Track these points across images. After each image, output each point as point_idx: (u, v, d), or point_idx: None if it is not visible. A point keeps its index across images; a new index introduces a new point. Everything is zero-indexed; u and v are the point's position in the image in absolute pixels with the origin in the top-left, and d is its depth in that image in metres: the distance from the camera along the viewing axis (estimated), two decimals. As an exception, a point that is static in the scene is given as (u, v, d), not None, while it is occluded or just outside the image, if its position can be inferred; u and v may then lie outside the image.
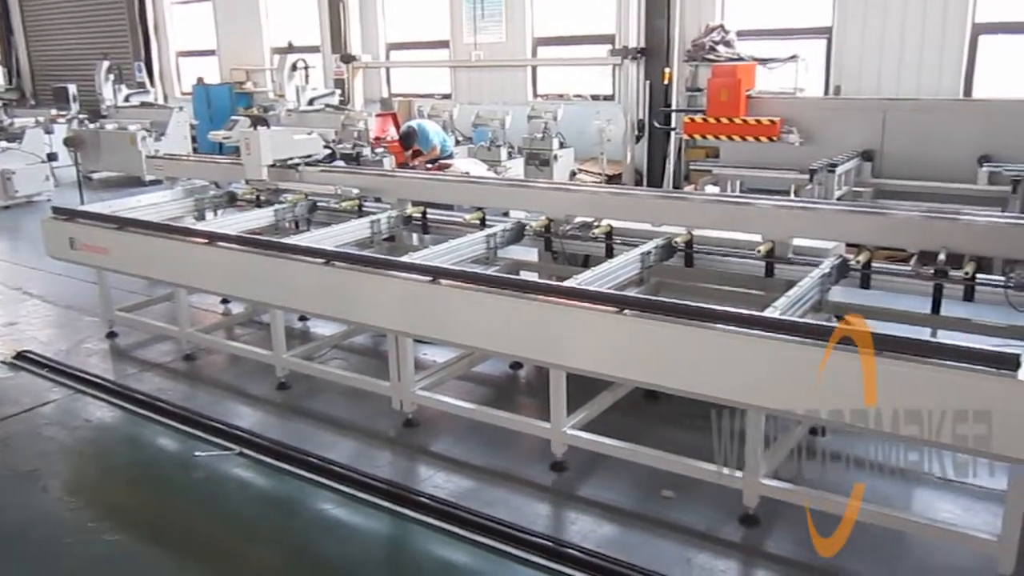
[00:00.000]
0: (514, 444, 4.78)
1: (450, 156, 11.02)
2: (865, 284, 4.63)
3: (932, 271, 4.46)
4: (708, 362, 3.60)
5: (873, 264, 4.65)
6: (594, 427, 4.53)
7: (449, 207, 6.81)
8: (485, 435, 4.85)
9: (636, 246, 4.96)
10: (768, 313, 3.65)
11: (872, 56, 10.90)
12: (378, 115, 13.71)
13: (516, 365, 5.82)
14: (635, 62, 12.18)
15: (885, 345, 3.27)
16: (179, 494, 4.58)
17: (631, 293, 4.65)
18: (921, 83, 10.54)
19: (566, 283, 4.14)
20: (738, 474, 3.92)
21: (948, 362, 3.14)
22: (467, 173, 9.19)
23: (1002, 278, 4.33)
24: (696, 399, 3.77)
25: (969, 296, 4.41)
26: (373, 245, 6.01)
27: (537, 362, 4.97)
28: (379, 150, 11.36)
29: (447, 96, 15.16)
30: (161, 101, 18.58)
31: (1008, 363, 2.99)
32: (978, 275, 4.39)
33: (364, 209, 6.46)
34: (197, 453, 4.83)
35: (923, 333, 4.80)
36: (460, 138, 12.32)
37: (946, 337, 4.71)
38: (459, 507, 4.19)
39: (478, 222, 5.89)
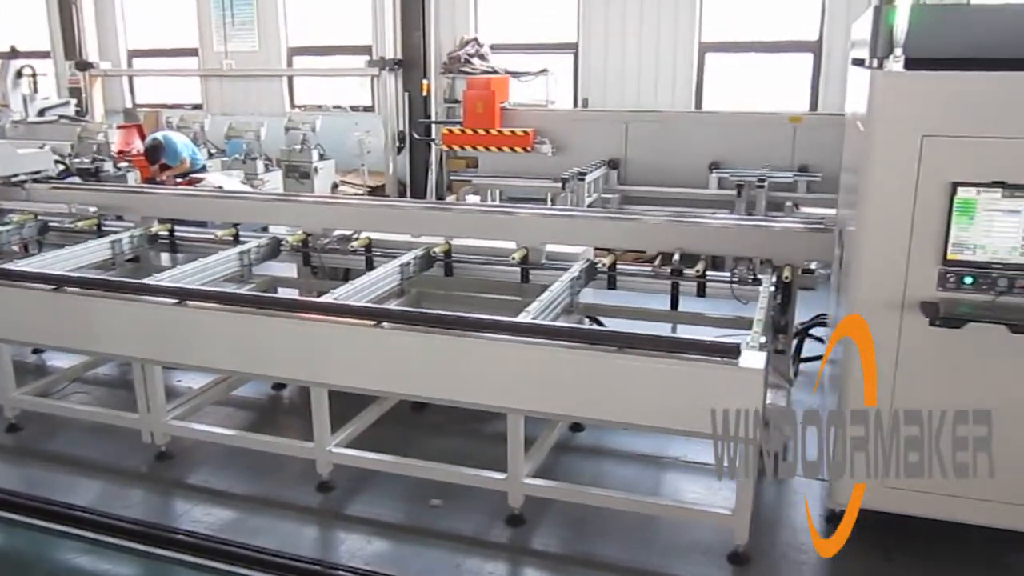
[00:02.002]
0: (279, 468, 4.60)
1: (202, 170, 10.49)
2: (612, 285, 4.94)
3: (669, 271, 4.82)
4: (466, 370, 3.67)
5: (618, 266, 4.96)
6: (361, 443, 4.46)
7: (202, 224, 6.48)
8: (247, 461, 4.63)
9: (396, 257, 4.98)
10: (521, 318, 3.78)
11: (615, 70, 11.65)
12: (121, 127, 12.75)
13: (279, 386, 5.61)
14: (393, 73, 12.22)
15: (628, 342, 3.49)
16: None
17: (391, 305, 4.65)
18: (658, 96, 11.40)
19: (322, 298, 4.06)
20: (500, 476, 4.01)
21: (682, 355, 3.41)
22: (220, 187, 8.79)
23: (727, 274, 4.77)
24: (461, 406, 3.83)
25: (702, 292, 4.82)
26: (115, 267, 5.58)
27: (296, 381, 4.85)
28: (122, 165, 10.57)
29: (198, 107, 14.42)
30: None
31: (731, 352, 3.29)
32: (708, 272, 4.80)
33: (104, 228, 5.99)
34: (-94, 514, 4.23)
35: (664, 328, 5.20)
36: (213, 151, 11.76)
37: (684, 331, 5.13)
38: (220, 540, 3.96)
39: (231, 238, 5.64)
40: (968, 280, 3.29)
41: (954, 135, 3.24)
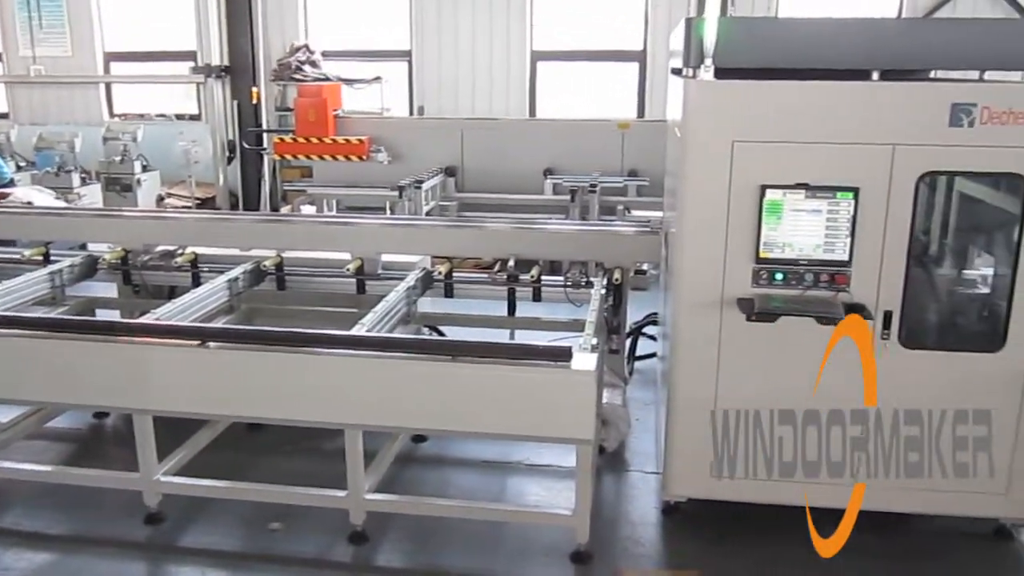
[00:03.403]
0: (102, 503, 4.28)
1: (8, 184, 9.72)
2: (449, 293, 4.93)
3: (506, 277, 4.87)
4: (299, 387, 3.55)
5: (455, 274, 4.95)
6: (192, 469, 4.23)
7: (9, 243, 6.02)
8: (66, 498, 4.29)
9: (223, 273, 4.78)
10: (356, 330, 3.70)
11: (449, 78, 11.67)
12: (-89, 139, 11.64)
13: (101, 414, 5.24)
14: (220, 80, 11.73)
15: (462, 351, 3.49)
16: None
17: (220, 323, 4.45)
18: (493, 104, 11.52)
19: (142, 319, 3.83)
20: (341, 494, 3.90)
21: (516, 360, 3.44)
22: (30, 203, 8.16)
23: (561, 278, 4.86)
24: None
25: (537, 297, 4.89)
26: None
27: (116, 409, 4.56)
28: (-86, 180, 9.65)
29: (3, 116, 13.34)
30: None
31: (563, 356, 3.35)
32: (543, 277, 4.88)
33: None
34: None
35: (503, 334, 5.25)
36: (21, 163, 10.92)
37: (521, 336, 5.20)
38: (35, 586, 3.67)
39: (41, 258, 5.25)
40: (779, 276, 3.50)
41: (761, 140, 3.44)
